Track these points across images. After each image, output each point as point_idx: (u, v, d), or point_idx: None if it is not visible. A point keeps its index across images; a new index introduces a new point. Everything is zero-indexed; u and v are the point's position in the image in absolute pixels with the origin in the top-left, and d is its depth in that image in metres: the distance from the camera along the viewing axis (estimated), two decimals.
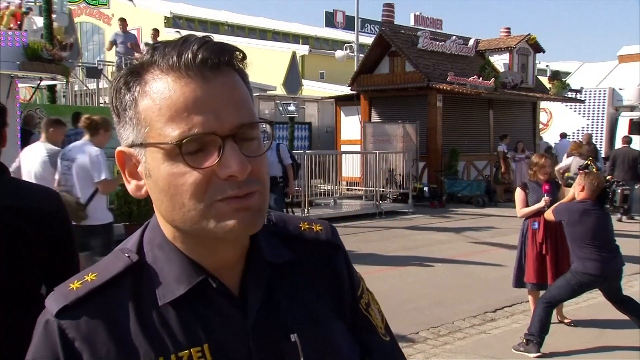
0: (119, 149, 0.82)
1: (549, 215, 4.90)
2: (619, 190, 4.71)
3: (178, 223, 0.78)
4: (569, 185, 4.79)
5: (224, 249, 0.82)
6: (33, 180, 4.83)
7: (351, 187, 15.48)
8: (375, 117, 16.63)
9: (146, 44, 13.37)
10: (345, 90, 17.92)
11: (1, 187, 1.71)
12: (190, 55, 0.75)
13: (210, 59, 0.76)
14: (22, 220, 1.69)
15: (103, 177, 4.74)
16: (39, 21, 11.97)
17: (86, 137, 4.89)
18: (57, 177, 4.98)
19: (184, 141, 0.74)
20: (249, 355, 0.81)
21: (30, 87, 11.30)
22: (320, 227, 0.97)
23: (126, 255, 0.83)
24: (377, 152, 13.90)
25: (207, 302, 0.81)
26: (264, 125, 0.82)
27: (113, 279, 0.81)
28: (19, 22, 11.72)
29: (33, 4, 12.34)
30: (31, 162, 5.21)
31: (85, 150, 4.82)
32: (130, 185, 0.83)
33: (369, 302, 0.99)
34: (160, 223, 0.84)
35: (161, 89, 0.76)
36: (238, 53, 0.80)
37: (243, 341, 0.81)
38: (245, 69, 0.83)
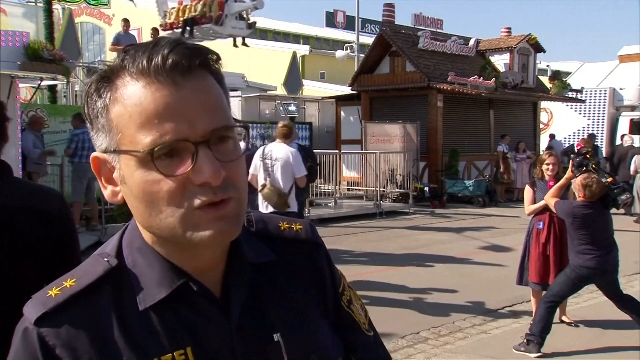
0: (93, 154, 0.81)
1: (548, 200, 4.91)
2: (620, 202, 4.71)
3: (155, 230, 0.77)
4: None
5: (203, 253, 0.81)
6: None
7: (351, 187, 15.47)
8: (375, 117, 16.62)
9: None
10: (346, 90, 17.93)
11: (3, 187, 1.71)
12: (160, 60, 0.74)
13: (180, 63, 0.74)
14: (23, 220, 1.69)
15: (304, 173, 5.88)
16: (235, 6, 12.91)
17: (279, 140, 6.02)
18: (252, 171, 5.97)
19: (155, 149, 0.73)
20: (233, 356, 0.80)
21: (31, 87, 11.30)
22: (300, 226, 0.96)
23: (105, 259, 0.82)
24: (377, 152, 13.89)
25: (189, 305, 0.80)
26: (240, 130, 0.81)
27: (92, 285, 0.80)
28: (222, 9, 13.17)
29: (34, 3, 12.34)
30: None
31: (286, 151, 5.92)
32: (107, 191, 0.81)
33: (351, 299, 0.99)
34: (140, 228, 0.83)
35: (132, 96, 0.75)
36: (211, 55, 0.79)
37: (227, 343, 0.80)
38: (221, 69, 0.81)
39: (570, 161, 4.88)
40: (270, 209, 5.87)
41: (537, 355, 4.63)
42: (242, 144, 0.84)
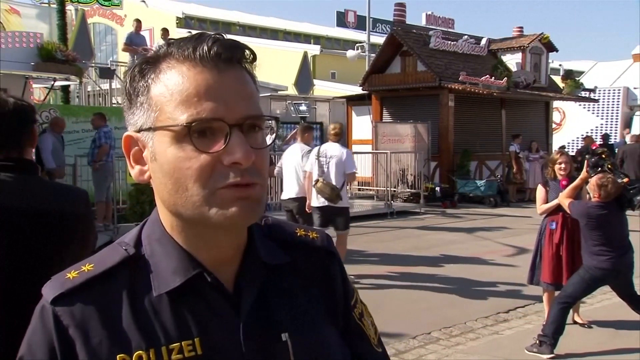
0: (126, 133, 0.84)
1: (562, 200, 4.86)
2: (635, 202, 4.68)
3: (180, 207, 0.79)
4: None
5: (222, 240, 0.83)
6: (293, 172, 6.92)
7: (362, 187, 15.46)
8: (386, 117, 16.60)
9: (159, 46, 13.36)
10: (357, 90, 17.90)
11: (27, 188, 1.72)
12: (205, 48, 0.79)
13: (223, 53, 0.79)
14: (53, 222, 1.69)
15: (355, 169, 6.76)
16: None
17: (332, 140, 6.84)
18: (308, 169, 6.73)
19: (193, 124, 0.76)
20: (240, 352, 0.81)
21: (45, 87, 11.40)
22: (315, 235, 0.99)
23: (123, 248, 0.85)
24: (388, 152, 13.87)
25: (202, 297, 0.82)
26: (270, 122, 0.85)
27: (109, 270, 0.83)
28: None
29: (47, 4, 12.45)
30: (293, 158, 7.03)
31: (339, 150, 6.73)
32: (134, 170, 0.84)
33: (362, 313, 1.00)
34: (161, 213, 0.85)
35: (175, 76, 0.79)
36: (248, 53, 0.83)
37: (234, 337, 0.82)
38: (254, 70, 0.85)
39: (585, 162, 4.83)
40: (323, 202, 6.61)
41: (550, 356, 4.60)
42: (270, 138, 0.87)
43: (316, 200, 6.69)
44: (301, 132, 7.30)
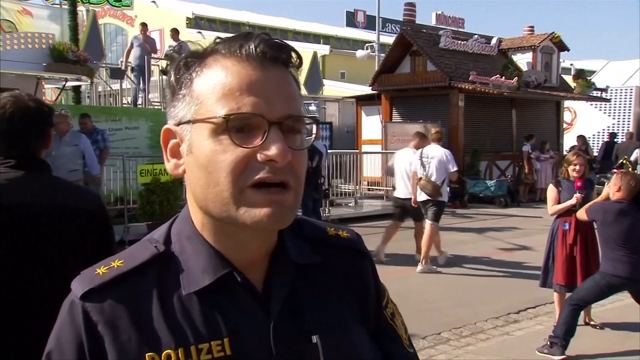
0: (165, 126, 0.84)
1: (581, 214, 4.77)
2: None
3: (209, 203, 0.79)
4: None
5: (251, 241, 0.82)
6: (404, 174, 7.90)
7: (372, 187, 15.42)
8: (396, 117, 16.56)
9: (169, 47, 13.45)
10: (366, 90, 17.88)
11: (42, 186, 1.74)
12: (252, 46, 0.79)
13: (269, 52, 0.80)
14: (68, 219, 1.71)
15: (455, 168, 7.69)
16: None
17: (434, 143, 7.82)
18: (414, 169, 7.67)
19: (232, 116, 0.76)
20: (269, 352, 0.80)
21: (56, 88, 11.49)
22: (346, 234, 0.98)
23: (153, 245, 0.85)
24: (398, 151, 13.81)
25: (231, 296, 0.81)
26: (309, 125, 0.84)
27: (139, 267, 0.82)
28: None
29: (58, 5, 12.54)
30: (404, 161, 8.04)
31: (440, 152, 7.70)
32: (170, 163, 0.85)
33: (394, 313, 1.00)
34: (192, 210, 0.85)
35: (219, 70, 0.79)
36: (295, 56, 0.83)
37: (264, 338, 0.81)
38: (298, 75, 0.85)
39: (605, 183, 4.80)
40: (425, 196, 7.55)
41: (561, 357, 4.56)
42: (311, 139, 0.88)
43: (420, 196, 7.64)
44: (417, 139, 8.12)
